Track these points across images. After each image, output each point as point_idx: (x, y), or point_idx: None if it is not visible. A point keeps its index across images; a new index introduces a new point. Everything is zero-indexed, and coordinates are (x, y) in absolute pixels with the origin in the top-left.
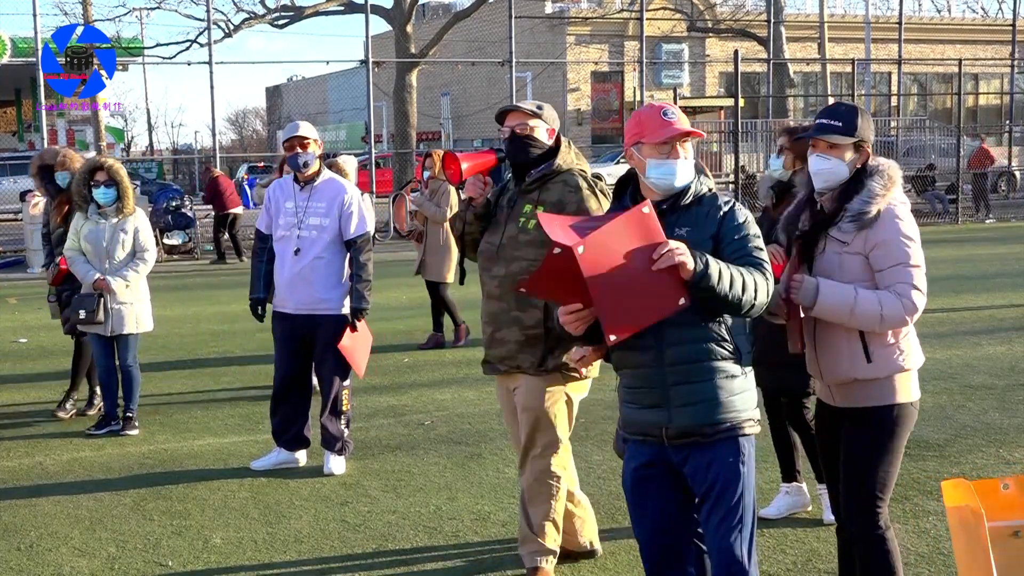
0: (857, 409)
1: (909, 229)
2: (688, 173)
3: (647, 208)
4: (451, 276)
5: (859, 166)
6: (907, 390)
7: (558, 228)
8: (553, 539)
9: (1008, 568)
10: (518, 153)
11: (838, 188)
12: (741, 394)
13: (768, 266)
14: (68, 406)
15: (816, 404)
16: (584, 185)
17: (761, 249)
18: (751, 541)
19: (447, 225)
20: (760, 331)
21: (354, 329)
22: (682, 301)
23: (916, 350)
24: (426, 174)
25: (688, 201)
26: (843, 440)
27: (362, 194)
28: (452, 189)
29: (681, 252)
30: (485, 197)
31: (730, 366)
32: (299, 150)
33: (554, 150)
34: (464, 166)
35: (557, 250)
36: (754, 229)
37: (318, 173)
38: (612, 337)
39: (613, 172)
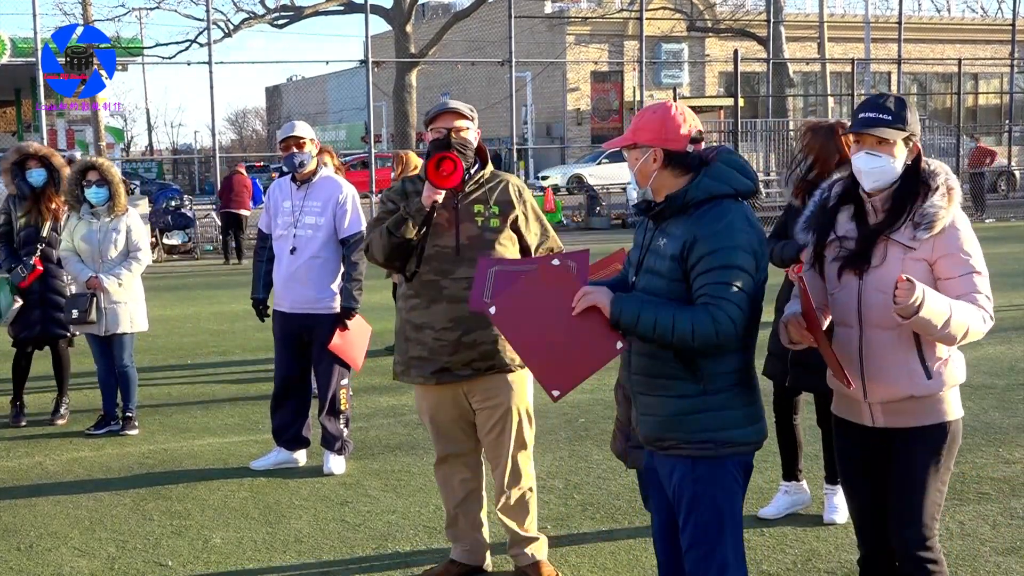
0: (911, 429)
1: (972, 235)
2: (637, 181)
3: (556, 261)
4: None
5: (910, 163)
6: (959, 405)
7: (487, 276)
8: (537, 529)
9: None
10: (465, 155)
11: (891, 188)
12: (694, 415)
13: (727, 303)
14: (63, 411)
15: (836, 425)
16: (524, 185)
17: (725, 284)
18: (710, 560)
19: None
20: None
21: (344, 328)
22: (619, 345)
23: (963, 362)
24: (392, 175)
25: (675, 208)
26: (896, 463)
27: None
28: None
29: (593, 294)
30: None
31: (684, 386)
32: (295, 150)
33: (482, 152)
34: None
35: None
36: (725, 259)
37: (315, 172)
38: (555, 393)
39: (595, 173)
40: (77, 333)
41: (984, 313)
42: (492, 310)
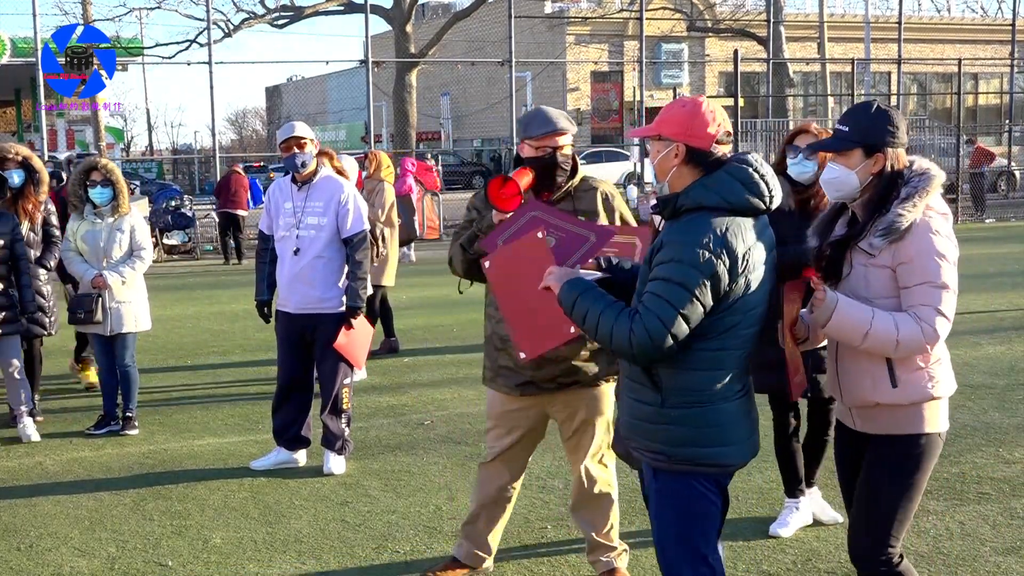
0: (880, 436)
1: (944, 245)
2: (656, 175)
3: (540, 234)
4: (388, 279)
5: (876, 172)
6: (935, 420)
7: (520, 220)
8: (618, 537)
9: None
10: (566, 172)
11: (868, 196)
12: (651, 424)
13: (651, 315)
14: (36, 410)
15: (835, 427)
16: (616, 192)
17: (658, 297)
18: (671, 571)
19: (386, 226)
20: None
21: (349, 327)
22: (572, 330)
23: (947, 377)
24: (363, 174)
25: (669, 212)
26: (864, 469)
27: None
28: (388, 188)
29: (554, 275)
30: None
31: (645, 392)
32: (296, 150)
33: (573, 161)
34: (521, 184)
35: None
36: (669, 272)
37: (315, 172)
38: (522, 355)
39: None
40: (54, 332)
41: (925, 328)
42: (486, 264)
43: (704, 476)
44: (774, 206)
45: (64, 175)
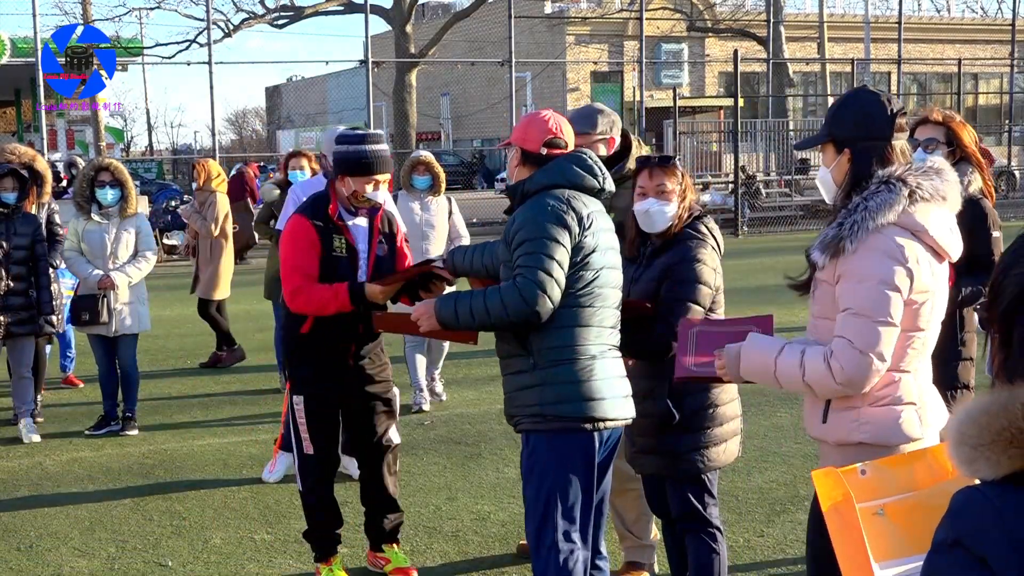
0: None
1: (889, 271)
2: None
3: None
4: (220, 293)
5: (848, 171)
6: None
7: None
8: (651, 532)
9: (876, 544)
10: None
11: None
12: (526, 389)
13: (530, 270)
14: (37, 408)
15: None
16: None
17: (531, 254)
18: (541, 534)
19: (219, 238)
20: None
21: None
22: (473, 343)
23: (891, 425)
24: (193, 185)
25: (517, 199)
26: None
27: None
28: (220, 198)
29: (424, 306)
30: None
31: (519, 362)
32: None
33: (622, 153)
34: None
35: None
36: (533, 232)
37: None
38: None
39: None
40: (62, 330)
41: (833, 365)
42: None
43: (572, 435)
44: (607, 187)
45: (63, 175)
